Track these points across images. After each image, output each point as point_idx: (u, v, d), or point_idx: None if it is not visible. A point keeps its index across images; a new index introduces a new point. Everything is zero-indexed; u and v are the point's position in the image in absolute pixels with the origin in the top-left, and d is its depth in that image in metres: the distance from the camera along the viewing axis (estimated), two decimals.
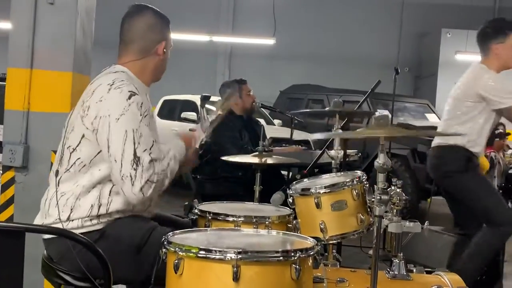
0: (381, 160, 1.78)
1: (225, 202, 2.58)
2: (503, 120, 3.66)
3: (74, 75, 3.08)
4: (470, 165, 3.51)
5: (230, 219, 2.22)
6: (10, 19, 3.17)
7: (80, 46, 3.15)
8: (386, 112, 1.91)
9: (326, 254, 2.42)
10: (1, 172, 3.33)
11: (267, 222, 2.21)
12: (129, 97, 2.03)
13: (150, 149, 2.02)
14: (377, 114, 1.76)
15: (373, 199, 1.82)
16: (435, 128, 6.32)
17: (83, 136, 2.07)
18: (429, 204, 6.05)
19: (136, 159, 1.97)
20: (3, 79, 5.09)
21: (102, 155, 2.04)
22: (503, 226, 3.42)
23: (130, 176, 1.96)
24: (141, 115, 2.04)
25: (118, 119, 2.00)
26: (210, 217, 2.24)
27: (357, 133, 1.86)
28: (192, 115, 8.96)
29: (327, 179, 2.43)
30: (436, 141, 3.73)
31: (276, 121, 9.52)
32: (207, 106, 9.07)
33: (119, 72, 2.14)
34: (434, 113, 9.29)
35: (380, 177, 1.80)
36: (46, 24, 3.09)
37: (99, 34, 3.25)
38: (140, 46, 2.22)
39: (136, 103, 2.04)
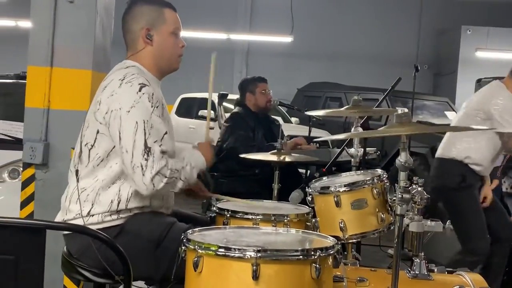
0: (402, 158, 1.76)
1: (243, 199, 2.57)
2: None
3: (94, 73, 3.10)
4: (464, 184, 3.52)
5: (249, 217, 2.21)
6: (30, 18, 3.19)
7: (99, 44, 3.16)
8: (405, 110, 1.88)
9: (345, 253, 2.40)
10: (21, 169, 3.36)
11: (285, 220, 2.20)
12: (140, 89, 2.04)
13: (160, 140, 2.02)
14: (399, 111, 1.74)
15: (394, 198, 1.80)
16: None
17: (98, 131, 2.08)
18: None
19: (147, 150, 1.97)
20: (24, 77, 5.17)
21: (116, 148, 2.05)
22: (474, 256, 3.44)
23: (141, 165, 1.96)
24: (152, 106, 2.04)
25: (129, 111, 2.01)
26: (228, 215, 2.24)
27: (379, 131, 1.84)
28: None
29: (346, 177, 2.41)
30: (439, 152, 3.75)
31: (293, 119, 9.48)
32: (224, 104, 9.11)
33: (130, 67, 2.15)
34: (454, 111, 9.18)
35: (402, 175, 1.77)
36: (65, 23, 3.10)
37: (117, 32, 3.25)
38: (129, 39, 2.22)
39: (147, 94, 2.04)
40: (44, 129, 3.09)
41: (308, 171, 4.85)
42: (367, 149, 3.51)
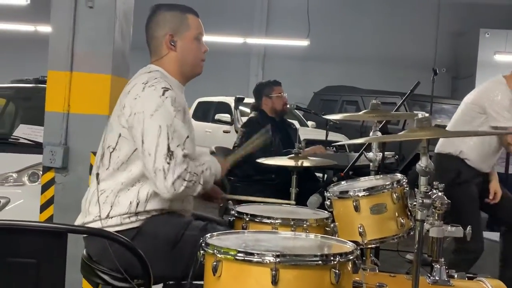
0: (423, 163, 1.74)
1: (261, 204, 2.57)
2: None
3: (113, 77, 3.12)
4: (458, 180, 3.49)
5: (267, 221, 2.20)
6: (50, 23, 3.23)
7: (118, 49, 3.19)
8: (426, 114, 1.87)
9: (364, 258, 2.38)
10: (41, 172, 3.39)
11: (304, 225, 2.18)
12: (163, 93, 2.06)
13: (183, 144, 2.04)
14: (419, 115, 1.73)
15: (414, 203, 1.78)
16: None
17: (120, 135, 2.10)
18: None
19: (170, 153, 1.99)
20: (43, 82, 5.23)
21: (137, 152, 2.07)
22: (470, 253, 3.41)
23: (163, 169, 1.98)
24: (174, 110, 2.06)
25: (152, 115, 2.03)
26: (247, 219, 2.23)
27: (399, 136, 1.83)
28: (226, 116, 8.99)
29: (365, 181, 2.39)
30: (437, 147, 3.72)
31: (309, 123, 9.47)
32: (240, 107, 9.13)
33: (154, 71, 2.17)
34: None
35: (422, 180, 1.76)
36: (85, 28, 3.14)
37: (136, 37, 3.28)
38: (153, 46, 2.25)
39: (170, 98, 2.06)
40: (64, 133, 3.12)
41: (325, 175, 4.84)
42: (385, 153, 3.48)
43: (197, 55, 2.26)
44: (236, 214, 2.29)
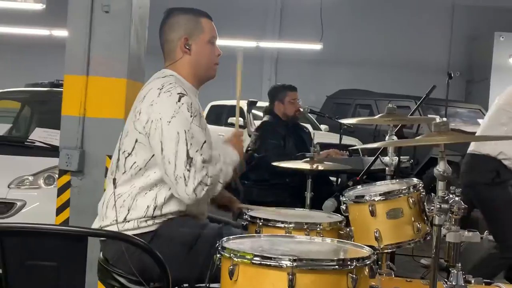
0: (441, 167, 1.73)
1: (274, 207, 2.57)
2: None
3: (128, 82, 3.14)
4: (498, 180, 3.45)
5: (281, 225, 2.20)
6: (66, 27, 3.26)
7: (134, 53, 3.21)
8: (443, 118, 1.86)
9: (379, 263, 2.37)
10: (56, 175, 3.42)
11: (318, 229, 2.18)
12: (179, 99, 2.06)
13: (201, 149, 2.04)
14: (437, 120, 1.72)
15: (432, 208, 1.77)
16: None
17: (136, 140, 2.11)
18: None
19: (189, 160, 1.99)
20: (58, 85, 5.28)
21: (155, 158, 2.07)
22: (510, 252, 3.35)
23: (184, 176, 1.98)
24: (191, 116, 2.06)
25: (170, 121, 2.03)
26: (260, 223, 2.23)
27: (417, 140, 1.82)
28: (239, 120, 8.99)
29: (381, 186, 2.39)
30: (471, 148, 3.68)
31: (322, 126, 9.45)
32: (253, 111, 9.13)
33: (168, 76, 2.17)
34: None
35: (440, 185, 1.75)
36: (101, 32, 3.16)
37: (151, 41, 3.30)
38: (167, 49, 2.25)
39: (187, 104, 2.07)
40: (80, 136, 3.15)
41: (339, 179, 4.82)
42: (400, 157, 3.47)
43: (211, 58, 2.26)
44: (249, 219, 2.29)
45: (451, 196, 1.88)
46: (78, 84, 3.15)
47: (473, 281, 2.11)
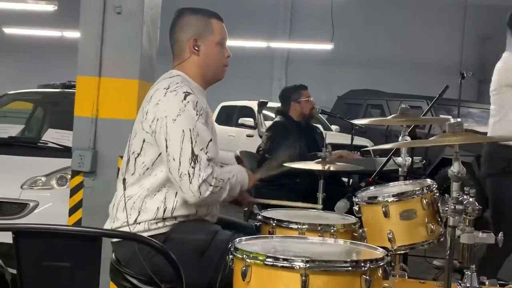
0: (455, 168, 1.72)
1: (287, 208, 2.56)
2: None
3: (140, 82, 3.15)
4: (509, 169, 3.34)
5: (294, 226, 2.19)
6: (79, 29, 3.28)
7: (146, 54, 3.22)
8: (458, 119, 1.84)
9: (392, 264, 2.35)
10: (69, 176, 3.44)
11: (332, 231, 2.17)
12: (185, 98, 2.06)
13: (206, 147, 2.04)
14: (451, 120, 1.70)
15: (446, 209, 1.75)
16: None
17: (144, 140, 2.11)
18: None
19: (194, 157, 1.99)
20: (70, 86, 5.31)
21: (162, 156, 2.07)
22: None
23: (188, 173, 1.98)
24: (197, 114, 2.06)
25: (175, 119, 2.03)
26: (274, 224, 2.23)
27: (432, 141, 1.81)
28: (249, 120, 9.00)
29: (394, 187, 2.37)
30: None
31: (333, 127, 9.42)
32: (264, 111, 9.13)
33: (175, 76, 2.18)
34: None
35: (454, 186, 1.73)
36: (113, 33, 3.17)
37: (163, 42, 3.31)
38: (176, 49, 2.25)
39: (192, 103, 2.06)
40: (92, 137, 3.16)
41: (351, 180, 4.81)
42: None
43: (219, 60, 2.26)
44: (262, 219, 2.28)
45: (465, 197, 1.87)
46: (90, 85, 3.16)
47: (487, 283, 2.09)
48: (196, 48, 2.21)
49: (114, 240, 2.14)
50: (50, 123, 5.15)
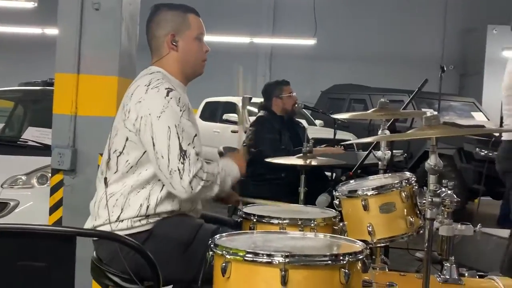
0: (432, 161, 1.73)
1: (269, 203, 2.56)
2: None
3: (120, 79, 3.13)
4: None
5: (275, 221, 2.19)
6: (57, 25, 3.24)
7: (125, 51, 3.19)
8: (434, 112, 1.86)
9: (373, 257, 2.37)
10: (50, 175, 3.40)
11: (312, 225, 2.18)
12: (167, 94, 2.05)
13: (192, 142, 2.02)
14: (428, 114, 1.71)
15: (424, 202, 1.77)
16: (482, 126, 6.12)
17: (127, 139, 2.09)
18: (477, 205, 5.88)
19: (183, 153, 1.98)
20: (51, 84, 5.25)
21: (147, 155, 2.06)
22: None
23: (178, 169, 1.97)
24: (180, 110, 2.05)
25: (159, 116, 2.02)
26: (255, 220, 2.22)
27: (408, 134, 1.82)
28: (233, 116, 8.98)
29: (374, 180, 2.38)
30: (506, 134, 3.58)
31: (317, 122, 9.45)
32: (248, 107, 9.11)
33: (155, 73, 2.16)
34: (481, 111, 9.03)
35: (432, 178, 1.74)
36: (92, 30, 3.14)
37: (143, 38, 3.29)
38: (154, 46, 2.24)
39: (175, 99, 2.05)
40: (72, 135, 3.13)
41: (334, 174, 4.82)
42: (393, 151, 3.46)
43: (198, 55, 2.24)
44: (243, 215, 2.28)
45: (443, 189, 1.88)
46: (69, 82, 3.13)
47: (466, 274, 2.11)
48: (175, 44, 2.20)
49: (95, 238, 2.13)
50: (31, 121, 5.10)
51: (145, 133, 2.03)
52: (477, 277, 2.13)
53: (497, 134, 5.87)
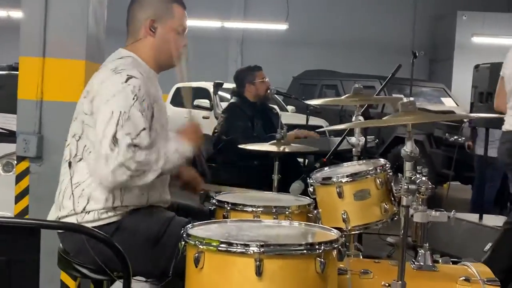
0: (408, 148, 1.71)
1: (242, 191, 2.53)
2: None
3: (87, 63, 3.03)
4: None
5: (249, 209, 2.16)
6: (21, 7, 3.12)
7: (92, 34, 3.09)
8: (410, 98, 1.83)
9: (347, 244, 2.36)
10: (15, 162, 3.29)
11: (287, 212, 2.15)
12: (126, 80, 1.99)
13: (136, 135, 1.94)
14: (404, 100, 1.69)
15: (399, 189, 1.75)
16: (452, 112, 6.18)
17: (83, 122, 2.04)
18: (447, 190, 5.97)
19: (114, 140, 1.91)
20: (16, 68, 5.09)
21: None
22: None
23: (106, 156, 1.90)
24: (134, 99, 1.97)
25: (108, 100, 1.97)
26: (228, 208, 2.19)
27: (385, 121, 1.79)
28: (205, 102, 8.90)
29: (348, 167, 2.36)
30: (507, 126, 3.54)
31: (289, 107, 9.43)
32: (220, 93, 9.04)
33: (125, 58, 2.10)
34: (450, 97, 9.14)
35: (407, 165, 1.73)
36: (57, 12, 3.03)
37: (111, 21, 3.19)
38: (131, 27, 2.18)
39: (133, 86, 1.98)
40: (37, 121, 3.02)
41: (306, 161, 4.82)
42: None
43: (175, 46, 2.18)
44: (216, 203, 2.24)
45: (418, 176, 1.87)
46: (34, 66, 3.01)
47: (440, 261, 2.11)
48: (153, 30, 2.14)
49: (60, 231, 2.06)
50: None
51: (96, 115, 1.99)
52: (451, 263, 2.14)
53: (466, 120, 5.95)
